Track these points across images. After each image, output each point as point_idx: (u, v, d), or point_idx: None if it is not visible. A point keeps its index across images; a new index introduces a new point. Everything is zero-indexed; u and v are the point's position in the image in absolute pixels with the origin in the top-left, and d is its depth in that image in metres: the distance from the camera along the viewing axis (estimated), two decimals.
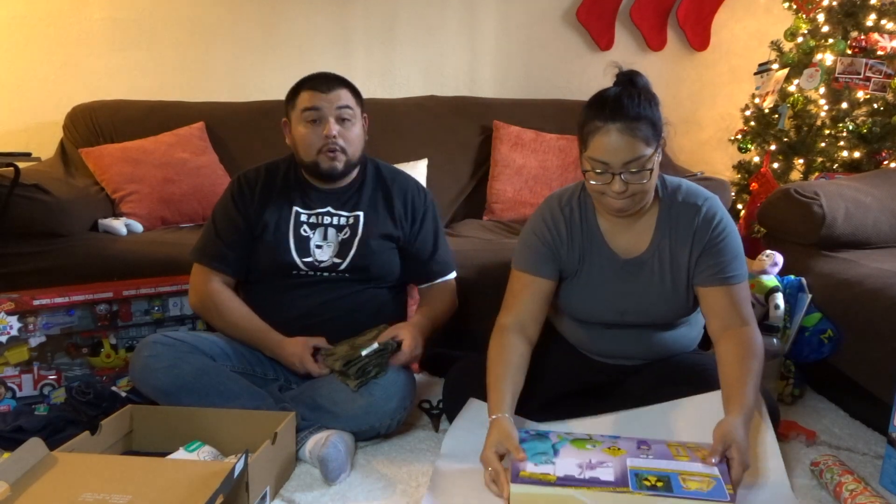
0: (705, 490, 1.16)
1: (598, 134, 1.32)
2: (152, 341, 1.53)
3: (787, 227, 2.07)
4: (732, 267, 1.42)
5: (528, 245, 1.52)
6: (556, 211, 1.52)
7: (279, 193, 1.71)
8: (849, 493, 1.28)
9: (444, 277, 1.81)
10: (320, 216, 1.70)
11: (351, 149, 1.66)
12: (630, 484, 1.17)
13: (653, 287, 1.48)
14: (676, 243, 1.45)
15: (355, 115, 1.67)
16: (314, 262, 1.67)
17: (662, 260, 1.47)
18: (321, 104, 1.62)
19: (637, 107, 1.31)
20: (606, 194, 1.37)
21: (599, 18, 2.99)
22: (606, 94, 1.36)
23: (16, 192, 2.07)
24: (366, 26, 3.02)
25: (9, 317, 1.69)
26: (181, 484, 1.13)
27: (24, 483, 1.13)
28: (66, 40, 2.98)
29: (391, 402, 1.53)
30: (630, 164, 1.31)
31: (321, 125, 1.62)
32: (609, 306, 1.51)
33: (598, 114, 1.33)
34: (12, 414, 1.62)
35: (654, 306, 1.49)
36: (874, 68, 2.35)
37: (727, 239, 1.43)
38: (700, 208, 1.44)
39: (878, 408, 1.55)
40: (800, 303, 1.84)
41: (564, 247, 1.50)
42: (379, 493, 1.37)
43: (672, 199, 1.46)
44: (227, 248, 1.68)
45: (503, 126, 2.72)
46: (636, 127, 1.30)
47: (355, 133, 1.67)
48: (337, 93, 1.64)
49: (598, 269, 1.50)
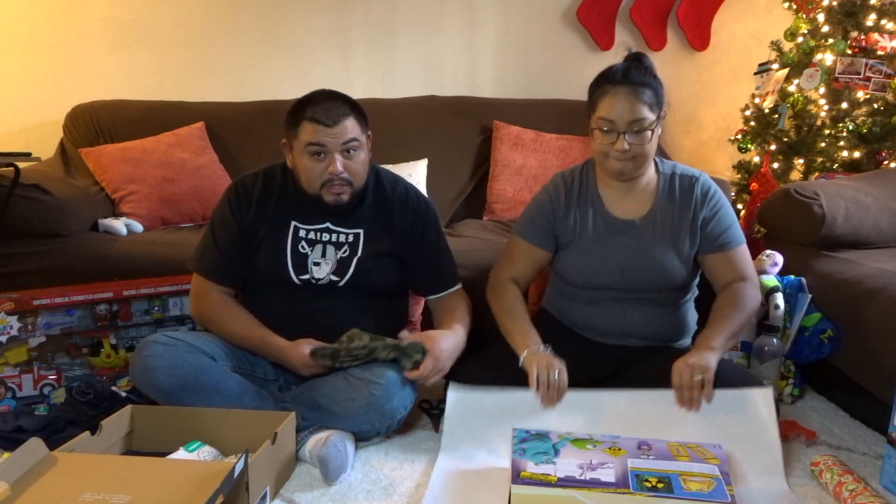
0: (706, 491, 1.17)
1: (607, 96, 1.49)
2: (152, 341, 1.52)
3: (787, 227, 2.07)
4: (729, 234, 1.58)
5: (529, 216, 1.68)
6: (558, 181, 1.67)
7: (277, 204, 1.66)
8: (849, 493, 1.28)
9: (449, 289, 1.76)
10: (319, 233, 1.65)
11: (357, 179, 1.59)
12: (631, 485, 1.18)
13: (652, 246, 1.58)
14: (678, 208, 1.59)
15: (361, 143, 1.58)
16: (311, 280, 1.64)
17: (664, 221, 1.59)
18: (326, 141, 1.53)
19: (643, 76, 1.49)
20: (610, 155, 1.51)
21: (599, 18, 2.99)
22: (616, 65, 1.54)
23: (16, 192, 2.07)
24: (366, 26, 3.02)
25: (9, 317, 1.69)
26: (181, 484, 1.13)
27: (24, 483, 1.13)
28: (66, 40, 2.98)
29: (391, 402, 1.53)
30: (633, 123, 1.46)
31: (325, 160, 1.55)
32: (609, 265, 1.59)
33: (609, 80, 1.50)
34: (12, 414, 1.62)
35: (652, 265, 1.57)
36: (874, 68, 2.35)
37: (723, 209, 1.59)
38: (697, 179, 1.60)
39: (878, 408, 1.55)
40: (800, 303, 1.84)
41: (561, 213, 1.63)
42: (379, 493, 1.37)
43: (671, 172, 1.62)
44: (224, 259, 1.66)
45: (503, 126, 2.72)
46: (641, 91, 1.46)
47: (361, 161, 1.59)
48: (343, 126, 1.53)
49: (599, 232, 1.61)
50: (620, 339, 1.63)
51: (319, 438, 1.45)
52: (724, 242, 1.58)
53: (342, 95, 1.59)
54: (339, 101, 1.57)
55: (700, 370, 1.39)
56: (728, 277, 1.58)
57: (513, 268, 1.68)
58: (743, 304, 1.52)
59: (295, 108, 1.58)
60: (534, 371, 1.45)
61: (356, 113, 1.59)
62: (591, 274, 1.61)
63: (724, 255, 1.58)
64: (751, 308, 1.54)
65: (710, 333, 1.48)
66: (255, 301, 1.71)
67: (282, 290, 1.66)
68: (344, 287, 1.65)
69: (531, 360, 1.48)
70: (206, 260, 1.67)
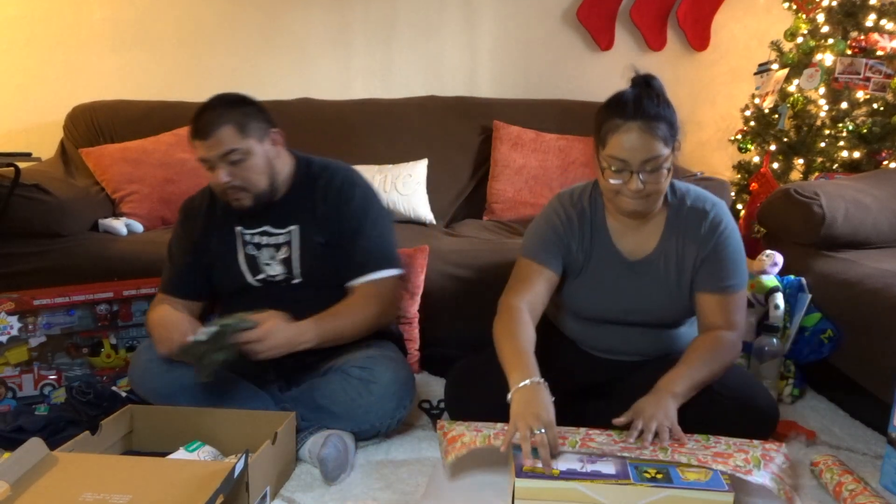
0: (704, 480, 1.19)
1: (619, 132, 1.34)
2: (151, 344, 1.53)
3: (787, 227, 2.07)
4: (730, 276, 1.45)
5: (540, 235, 1.54)
6: (567, 206, 1.54)
7: (222, 215, 1.67)
8: (849, 493, 1.28)
9: (370, 274, 1.61)
10: (259, 236, 1.65)
11: (252, 184, 1.55)
12: (631, 476, 1.20)
13: (657, 287, 1.50)
14: (684, 246, 1.48)
15: (246, 150, 1.52)
16: (267, 278, 1.64)
17: (668, 261, 1.49)
18: (206, 155, 1.52)
19: (656, 107, 1.34)
20: (622, 194, 1.39)
21: (599, 18, 2.99)
22: (625, 94, 1.38)
23: (16, 192, 2.07)
24: (366, 26, 3.01)
25: (9, 317, 1.69)
26: (181, 484, 1.13)
27: (25, 483, 1.13)
28: (66, 40, 2.98)
29: (391, 402, 1.53)
30: (648, 162, 1.34)
31: (215, 171, 1.54)
32: (613, 305, 1.52)
33: (619, 112, 1.35)
34: (12, 414, 1.62)
35: (657, 306, 1.51)
36: (874, 68, 2.35)
37: (730, 248, 1.46)
38: (707, 213, 1.46)
39: (878, 408, 1.55)
40: (800, 303, 1.84)
41: (575, 241, 1.52)
42: (379, 493, 1.37)
43: (680, 203, 1.49)
44: (179, 274, 1.68)
45: (503, 126, 2.72)
46: (655, 126, 1.32)
47: (251, 167, 1.54)
48: (217, 137, 1.49)
49: (604, 268, 1.52)
50: (618, 355, 1.61)
51: (319, 438, 1.45)
52: (720, 286, 1.45)
53: (226, 100, 1.55)
54: (218, 110, 1.52)
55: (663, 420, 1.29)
56: (715, 322, 1.45)
57: (524, 292, 1.50)
58: (722, 358, 1.41)
59: None
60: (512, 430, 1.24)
61: (236, 120, 1.52)
62: (592, 310, 1.56)
63: (720, 300, 1.45)
64: (729, 362, 1.43)
65: (677, 377, 1.36)
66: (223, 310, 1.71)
67: (245, 295, 1.65)
68: (301, 284, 1.64)
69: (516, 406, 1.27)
70: (164, 278, 1.70)
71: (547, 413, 1.25)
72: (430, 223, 2.58)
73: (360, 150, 2.68)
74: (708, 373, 1.39)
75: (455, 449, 1.32)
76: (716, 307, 1.46)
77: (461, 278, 2.05)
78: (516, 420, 1.24)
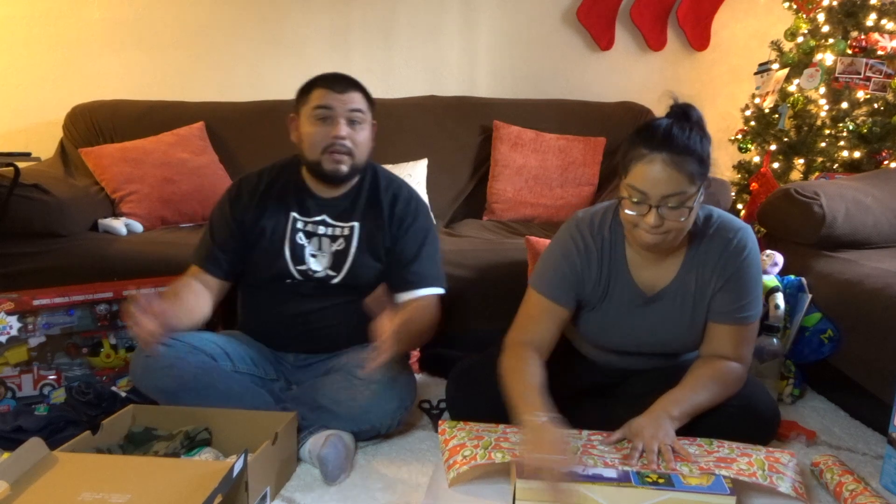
0: (706, 484, 1.19)
1: (642, 162, 1.27)
2: None
3: (787, 227, 2.07)
4: (747, 307, 1.39)
5: (555, 269, 1.45)
6: (587, 238, 1.44)
7: (277, 198, 1.69)
8: (849, 493, 1.28)
9: (423, 289, 1.66)
10: (316, 225, 1.67)
11: (358, 151, 1.62)
12: (632, 479, 1.20)
13: (673, 321, 1.45)
14: (702, 277, 1.41)
15: (366, 118, 1.64)
16: (308, 271, 1.65)
17: (686, 294, 1.43)
18: (333, 104, 1.59)
19: (687, 139, 1.26)
20: (639, 226, 1.31)
21: (599, 18, 2.99)
22: (658, 122, 1.30)
23: (16, 192, 2.07)
24: (365, 26, 3.02)
25: (9, 317, 1.69)
26: (180, 484, 1.13)
27: (24, 482, 1.13)
28: (66, 40, 2.98)
29: (391, 402, 1.53)
30: (669, 198, 1.26)
31: (331, 125, 1.59)
32: (627, 339, 1.50)
33: (646, 141, 1.27)
34: (12, 414, 1.62)
35: (672, 339, 1.48)
36: (874, 68, 2.35)
37: (749, 275, 1.39)
38: (731, 240, 1.39)
39: (878, 408, 1.55)
40: (800, 303, 1.84)
41: (592, 279, 1.44)
42: (379, 493, 1.37)
43: (703, 232, 1.41)
44: (218, 250, 1.68)
45: (503, 126, 2.72)
46: (683, 161, 1.25)
47: (364, 136, 1.64)
48: (350, 94, 1.61)
49: (620, 302, 1.46)
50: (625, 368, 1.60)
51: (319, 438, 1.45)
52: (736, 317, 1.39)
53: (354, 78, 1.67)
54: (350, 79, 1.65)
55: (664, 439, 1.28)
56: (724, 352, 1.40)
57: (533, 330, 1.44)
58: (726, 390, 1.37)
59: (307, 83, 1.65)
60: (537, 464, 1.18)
61: (365, 93, 1.66)
62: (607, 342, 1.52)
63: (731, 329, 1.40)
64: (731, 393, 1.38)
65: (677, 401, 1.33)
66: (250, 303, 1.73)
67: (276, 289, 1.67)
68: (337, 285, 1.65)
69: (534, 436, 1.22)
70: (200, 250, 1.70)
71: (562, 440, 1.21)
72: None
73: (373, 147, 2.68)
74: (708, 400, 1.35)
75: (456, 463, 1.32)
76: (727, 337, 1.40)
77: (461, 278, 2.05)
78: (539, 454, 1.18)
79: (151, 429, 1.44)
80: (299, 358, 1.71)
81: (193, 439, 1.39)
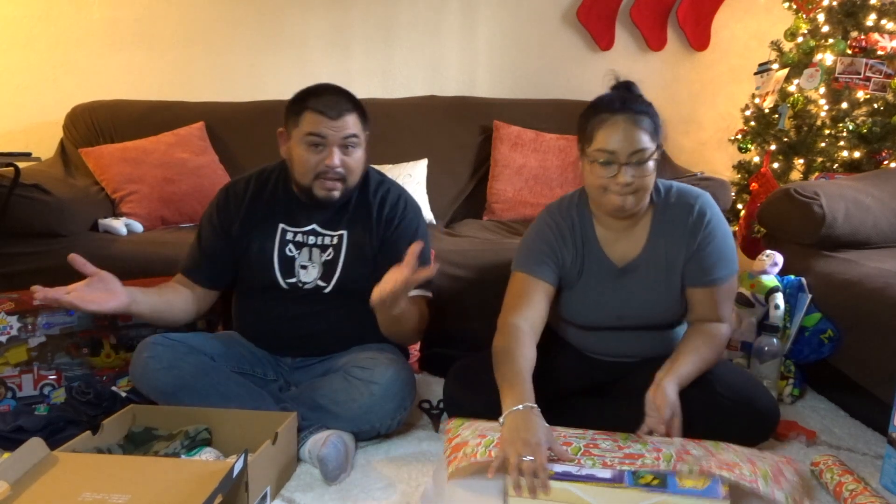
0: (700, 488, 1.18)
1: (605, 125, 1.39)
2: (152, 342, 1.52)
3: (787, 227, 2.07)
4: (717, 269, 1.46)
5: (533, 249, 1.54)
6: (559, 220, 1.55)
7: (265, 208, 1.66)
8: (849, 493, 1.28)
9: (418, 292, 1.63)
10: (306, 235, 1.64)
11: (351, 177, 1.58)
12: (626, 480, 1.19)
13: (648, 291, 1.51)
14: (671, 244, 1.49)
15: (360, 141, 1.58)
16: (297, 284, 1.63)
17: (657, 262, 1.50)
18: (327, 132, 1.52)
19: (639, 104, 1.41)
20: (609, 190, 1.40)
21: (599, 18, 2.99)
22: (608, 94, 1.45)
23: (16, 192, 2.07)
24: (366, 26, 3.02)
25: (9, 317, 1.69)
26: (180, 484, 1.13)
27: (25, 482, 1.13)
28: (66, 40, 2.98)
29: (391, 402, 1.53)
30: (635, 154, 1.37)
31: (323, 152, 1.54)
32: (607, 313, 1.54)
33: (606, 107, 1.40)
34: (12, 414, 1.62)
35: (650, 309, 1.52)
36: (874, 68, 2.35)
37: (716, 240, 1.47)
38: (693, 207, 1.48)
39: (878, 408, 1.55)
40: (800, 303, 1.84)
41: (570, 256, 1.53)
42: (379, 493, 1.37)
43: (665, 202, 1.50)
44: (205, 259, 1.67)
45: (503, 126, 2.72)
46: (641, 119, 1.38)
47: (357, 158, 1.58)
48: (345, 120, 1.53)
49: (596, 277, 1.53)
50: (615, 357, 1.62)
51: (319, 438, 1.45)
52: (710, 279, 1.46)
53: (347, 92, 1.59)
54: (344, 97, 1.57)
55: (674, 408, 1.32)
56: (704, 314, 1.48)
57: (521, 308, 1.48)
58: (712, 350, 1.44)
59: (298, 98, 1.58)
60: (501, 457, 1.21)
61: (359, 111, 1.59)
62: (586, 318, 1.57)
63: (708, 292, 1.47)
64: (718, 353, 1.47)
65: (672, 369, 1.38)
66: (244, 309, 1.72)
67: (268, 295, 1.66)
68: (329, 293, 1.64)
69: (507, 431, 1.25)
70: (188, 259, 1.69)
71: (536, 439, 1.21)
72: (430, 223, 2.58)
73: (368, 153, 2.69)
74: (701, 363, 1.42)
75: (457, 459, 1.32)
76: (705, 300, 1.48)
77: (461, 278, 2.05)
78: (505, 446, 1.22)
79: (151, 429, 1.44)
80: (297, 360, 1.71)
81: (193, 439, 1.39)
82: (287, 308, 1.65)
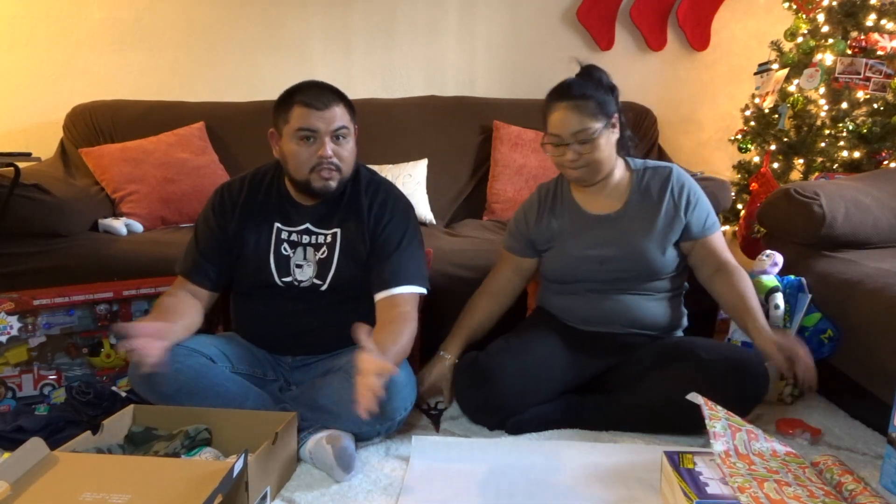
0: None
1: (551, 112, 1.61)
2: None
3: (787, 227, 2.07)
4: (709, 219, 1.70)
5: (510, 228, 1.84)
6: (533, 199, 1.81)
7: (260, 208, 1.67)
8: (848, 493, 1.28)
9: (401, 287, 1.59)
10: (300, 234, 1.65)
11: (345, 166, 1.60)
12: None
13: (628, 235, 1.66)
14: (653, 199, 1.68)
15: (350, 131, 1.60)
16: (293, 282, 1.64)
17: (639, 212, 1.68)
18: (317, 125, 1.54)
19: (582, 88, 1.59)
20: (564, 165, 1.63)
21: (599, 18, 2.99)
22: (563, 82, 1.65)
23: (16, 192, 2.07)
24: (366, 26, 3.02)
25: (9, 317, 1.69)
26: (181, 483, 1.13)
27: (25, 482, 1.13)
28: (66, 40, 2.98)
29: (392, 403, 1.52)
30: (578, 134, 1.57)
31: (315, 144, 1.55)
32: (586, 257, 1.67)
33: (552, 96, 1.63)
34: (12, 414, 1.62)
35: (629, 252, 1.65)
36: (874, 68, 2.35)
37: (700, 199, 1.69)
38: (671, 173, 1.69)
39: (878, 408, 1.55)
40: (800, 303, 1.84)
41: (533, 221, 1.77)
42: (379, 493, 1.37)
43: (643, 168, 1.72)
44: (204, 260, 1.66)
45: (503, 126, 2.72)
46: (582, 104, 1.57)
47: (349, 148, 1.61)
48: (333, 111, 1.55)
49: (574, 228, 1.71)
50: (604, 326, 1.69)
51: (321, 437, 1.45)
52: (709, 226, 1.68)
53: (331, 86, 1.61)
54: (328, 90, 1.59)
55: None
56: (723, 257, 1.69)
57: (495, 277, 1.84)
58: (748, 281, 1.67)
59: (284, 96, 1.60)
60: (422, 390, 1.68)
61: (345, 102, 1.61)
62: (569, 269, 1.71)
63: (708, 241, 1.68)
64: None
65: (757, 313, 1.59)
66: (242, 309, 1.73)
67: (265, 294, 1.66)
68: (325, 291, 1.64)
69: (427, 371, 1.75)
70: (186, 261, 1.68)
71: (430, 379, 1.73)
72: (430, 223, 2.58)
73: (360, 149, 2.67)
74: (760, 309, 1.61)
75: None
76: (717, 244, 1.69)
77: (461, 278, 2.05)
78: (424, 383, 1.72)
79: (151, 429, 1.44)
80: (297, 359, 1.71)
81: (194, 439, 1.39)
82: (284, 306, 1.65)
